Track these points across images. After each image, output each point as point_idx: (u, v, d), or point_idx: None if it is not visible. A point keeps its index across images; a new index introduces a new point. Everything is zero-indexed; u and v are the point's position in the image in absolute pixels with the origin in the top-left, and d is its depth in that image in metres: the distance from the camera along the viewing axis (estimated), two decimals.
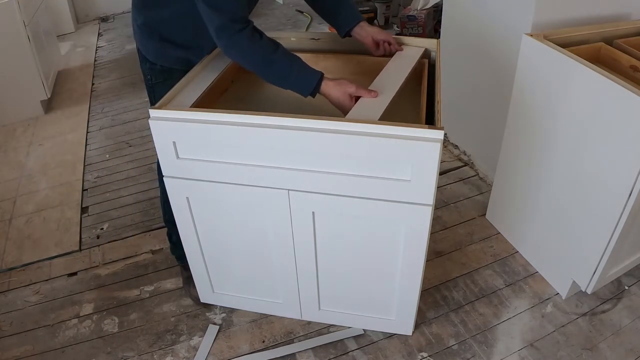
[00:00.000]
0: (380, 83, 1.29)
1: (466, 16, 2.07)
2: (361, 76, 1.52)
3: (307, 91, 1.23)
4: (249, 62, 1.24)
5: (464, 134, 2.35)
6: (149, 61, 1.41)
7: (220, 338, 1.59)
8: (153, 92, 1.47)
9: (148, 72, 1.44)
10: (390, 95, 1.23)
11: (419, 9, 3.33)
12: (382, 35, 1.44)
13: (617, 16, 1.71)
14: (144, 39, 1.39)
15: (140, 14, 1.37)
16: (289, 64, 1.23)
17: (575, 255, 1.57)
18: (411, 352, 1.53)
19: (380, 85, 1.27)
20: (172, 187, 1.33)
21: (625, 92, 1.23)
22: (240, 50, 1.22)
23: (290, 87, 1.25)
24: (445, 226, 1.99)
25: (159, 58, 1.40)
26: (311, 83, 1.22)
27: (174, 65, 1.40)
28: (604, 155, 1.36)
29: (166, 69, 1.40)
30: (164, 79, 1.41)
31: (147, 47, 1.41)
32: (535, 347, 1.53)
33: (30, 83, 2.84)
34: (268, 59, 1.21)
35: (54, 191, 2.31)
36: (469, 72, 2.13)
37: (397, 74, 1.33)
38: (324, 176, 1.20)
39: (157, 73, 1.42)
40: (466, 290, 1.72)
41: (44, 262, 1.92)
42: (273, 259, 1.44)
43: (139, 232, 2.03)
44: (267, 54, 1.21)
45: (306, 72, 1.24)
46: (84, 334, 1.62)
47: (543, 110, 1.55)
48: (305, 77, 1.23)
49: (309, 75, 1.23)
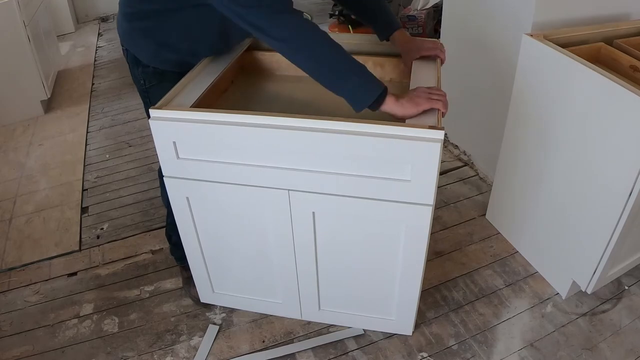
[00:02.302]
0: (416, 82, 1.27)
1: (466, 16, 2.07)
2: None
3: (363, 102, 1.11)
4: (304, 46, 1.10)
5: (464, 134, 2.35)
6: (142, 64, 1.36)
7: (220, 338, 1.59)
8: (148, 95, 1.42)
9: (141, 75, 1.38)
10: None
11: (419, 9, 3.33)
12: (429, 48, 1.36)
13: (617, 16, 1.71)
14: (138, 41, 1.34)
15: (134, 18, 1.31)
16: (351, 63, 1.10)
17: (575, 255, 1.57)
18: (411, 352, 1.53)
19: (420, 85, 1.24)
20: (172, 187, 1.33)
21: (625, 92, 1.23)
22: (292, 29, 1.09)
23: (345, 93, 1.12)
24: (445, 226, 1.99)
25: (153, 60, 1.35)
26: (372, 94, 1.09)
27: (168, 67, 1.36)
28: (604, 155, 1.36)
29: (160, 71, 1.36)
30: (158, 81, 1.37)
31: (140, 49, 1.35)
32: (535, 347, 1.53)
33: (30, 83, 2.84)
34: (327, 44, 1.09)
35: (54, 191, 2.31)
36: (469, 72, 2.13)
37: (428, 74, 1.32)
38: (324, 176, 1.20)
39: (151, 76, 1.38)
40: (466, 290, 1.72)
41: (44, 262, 1.92)
42: (273, 259, 1.44)
43: (139, 232, 2.03)
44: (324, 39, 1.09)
45: (369, 79, 1.10)
46: (83, 334, 1.62)
47: (543, 110, 1.55)
48: (367, 85, 1.10)
49: (371, 84, 1.10)
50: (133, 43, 1.35)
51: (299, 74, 1.55)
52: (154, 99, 1.33)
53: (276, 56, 1.55)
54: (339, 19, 3.53)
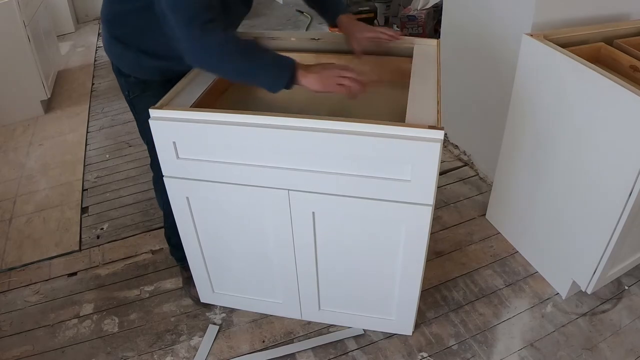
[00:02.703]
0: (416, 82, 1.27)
1: (466, 16, 2.07)
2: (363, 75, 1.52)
3: (278, 88, 1.15)
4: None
5: (464, 134, 2.35)
6: (124, 74, 1.36)
7: (220, 338, 1.59)
8: (133, 105, 1.42)
9: (125, 85, 1.39)
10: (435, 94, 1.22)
11: (419, 9, 3.33)
12: (371, 29, 1.42)
13: (617, 16, 1.71)
14: (118, 50, 1.33)
15: (114, 27, 1.30)
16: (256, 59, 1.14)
17: (575, 255, 1.57)
18: (411, 352, 1.53)
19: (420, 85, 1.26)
20: (172, 187, 1.33)
21: (625, 92, 1.23)
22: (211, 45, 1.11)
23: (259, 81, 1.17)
24: (445, 226, 1.99)
25: (134, 70, 1.34)
26: (283, 81, 1.14)
27: (150, 76, 1.35)
28: (604, 155, 1.36)
29: (142, 80, 1.35)
30: (141, 91, 1.36)
31: (121, 59, 1.35)
32: (535, 347, 1.53)
33: (30, 83, 2.84)
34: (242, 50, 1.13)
35: (54, 191, 2.31)
36: (469, 72, 2.13)
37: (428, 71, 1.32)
38: (324, 176, 1.20)
39: (134, 86, 1.37)
40: (466, 290, 1.72)
41: (44, 262, 1.92)
42: (273, 259, 1.44)
43: (139, 232, 2.03)
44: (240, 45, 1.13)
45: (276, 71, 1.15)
46: (84, 334, 1.62)
47: (543, 110, 1.55)
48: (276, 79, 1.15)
49: (278, 75, 1.14)
50: (113, 53, 1.35)
51: None
52: (138, 109, 1.33)
53: None
54: None
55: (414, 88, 1.25)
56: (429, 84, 1.26)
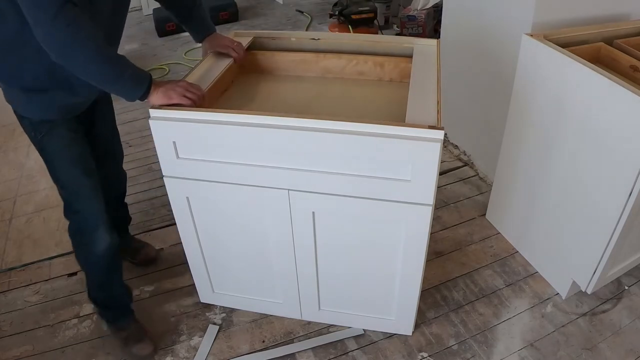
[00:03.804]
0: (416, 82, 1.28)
1: (466, 16, 2.07)
2: (363, 75, 1.52)
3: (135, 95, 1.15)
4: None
5: (464, 134, 2.35)
6: (22, 116, 1.23)
7: (220, 338, 1.59)
8: (42, 148, 1.26)
9: (28, 128, 1.24)
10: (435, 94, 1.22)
11: (419, 9, 3.33)
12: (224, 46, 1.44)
13: (617, 16, 1.71)
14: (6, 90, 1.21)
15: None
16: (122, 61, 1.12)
17: (575, 255, 1.57)
18: (411, 352, 1.53)
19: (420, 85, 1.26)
20: (172, 187, 1.33)
21: (625, 92, 1.23)
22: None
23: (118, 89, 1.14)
24: (445, 226, 1.99)
25: (28, 111, 1.21)
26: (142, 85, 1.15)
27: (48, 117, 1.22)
28: (604, 155, 1.36)
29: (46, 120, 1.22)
30: (49, 128, 1.23)
31: (13, 100, 1.21)
32: (535, 347, 1.53)
33: None
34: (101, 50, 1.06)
35: (54, 191, 2.28)
36: (469, 72, 2.13)
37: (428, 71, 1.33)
38: (324, 176, 1.20)
39: (38, 125, 1.23)
40: (466, 290, 1.72)
41: (44, 262, 1.92)
42: (273, 259, 1.44)
43: (139, 232, 2.03)
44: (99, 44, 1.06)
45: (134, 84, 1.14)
46: (84, 334, 1.62)
47: (543, 110, 1.55)
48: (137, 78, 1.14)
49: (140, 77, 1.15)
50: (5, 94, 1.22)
51: (298, 74, 1.56)
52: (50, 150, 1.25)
53: (276, 56, 1.55)
54: (339, 19, 3.53)
55: (414, 88, 1.25)
56: (429, 84, 1.26)
